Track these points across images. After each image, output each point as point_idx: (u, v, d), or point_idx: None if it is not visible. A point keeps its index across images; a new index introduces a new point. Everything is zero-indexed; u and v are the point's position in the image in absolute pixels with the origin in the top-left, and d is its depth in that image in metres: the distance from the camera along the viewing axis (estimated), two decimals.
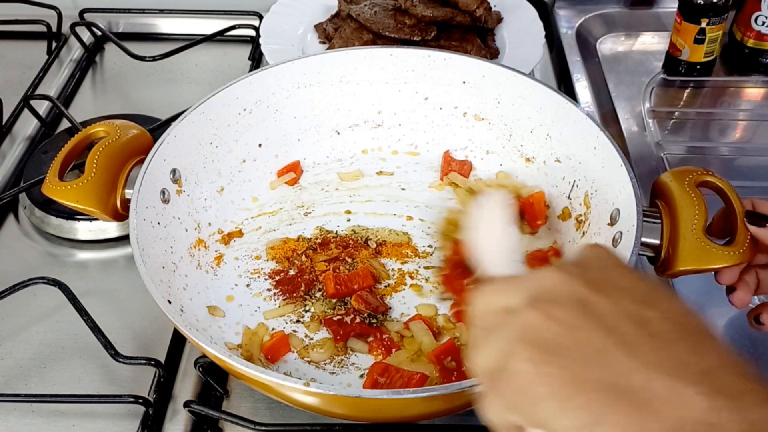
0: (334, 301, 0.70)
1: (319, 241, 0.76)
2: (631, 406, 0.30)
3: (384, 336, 0.66)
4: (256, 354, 0.65)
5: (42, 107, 0.98)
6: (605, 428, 0.31)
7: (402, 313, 0.69)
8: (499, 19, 1.02)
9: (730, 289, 0.60)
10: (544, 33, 0.98)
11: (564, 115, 0.74)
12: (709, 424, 0.29)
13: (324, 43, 1.02)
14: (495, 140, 0.82)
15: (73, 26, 1.09)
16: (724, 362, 0.32)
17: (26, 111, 0.96)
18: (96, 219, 0.77)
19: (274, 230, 0.77)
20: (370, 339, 0.66)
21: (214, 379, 0.65)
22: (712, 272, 0.60)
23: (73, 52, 1.10)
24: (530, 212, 0.75)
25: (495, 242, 0.43)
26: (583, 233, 0.71)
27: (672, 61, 1.02)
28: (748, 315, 0.61)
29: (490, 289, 0.38)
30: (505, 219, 0.44)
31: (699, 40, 0.97)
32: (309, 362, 0.66)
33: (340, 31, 0.98)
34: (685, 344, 0.32)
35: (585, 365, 0.32)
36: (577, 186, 0.74)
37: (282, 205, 0.80)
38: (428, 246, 0.75)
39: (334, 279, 0.70)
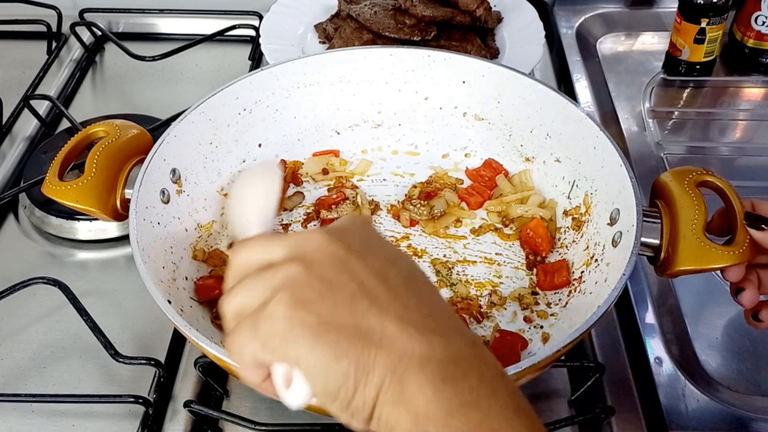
0: None
1: None
2: (367, 343, 0.37)
3: None
4: None
5: (42, 107, 0.98)
6: (346, 362, 0.37)
7: None
8: (499, 19, 1.02)
9: (738, 290, 0.59)
10: (544, 33, 0.98)
11: (564, 115, 0.74)
12: (423, 354, 0.37)
13: (324, 43, 1.02)
14: (495, 140, 0.82)
15: (73, 26, 1.09)
16: (437, 309, 0.41)
17: (26, 111, 0.96)
18: (96, 219, 0.77)
19: (275, 230, 0.77)
20: None
21: (214, 379, 0.65)
22: (712, 272, 0.60)
23: (73, 52, 1.10)
24: (533, 245, 0.74)
25: (253, 206, 0.46)
26: (583, 233, 0.71)
27: (672, 61, 1.02)
28: (745, 313, 0.61)
29: (251, 244, 0.42)
30: (268, 187, 0.47)
31: (699, 40, 0.97)
32: None
33: (340, 31, 0.98)
34: (413, 295, 0.40)
35: (335, 311, 0.38)
36: (576, 186, 0.74)
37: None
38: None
39: None
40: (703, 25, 0.95)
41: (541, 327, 0.68)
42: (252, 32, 1.09)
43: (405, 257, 0.44)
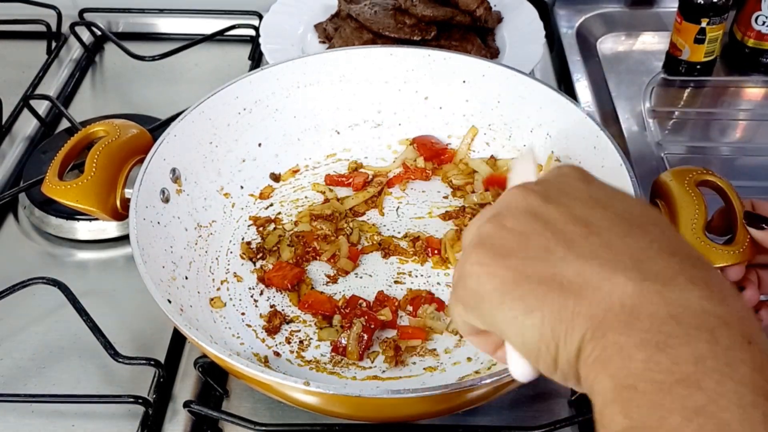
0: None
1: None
2: (563, 294, 0.33)
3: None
4: None
5: (42, 107, 0.98)
6: (539, 315, 0.33)
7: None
8: (499, 19, 1.02)
9: (738, 289, 0.59)
10: (544, 33, 0.98)
11: (564, 115, 0.73)
12: (633, 306, 0.31)
13: (324, 42, 1.02)
14: (495, 140, 0.82)
15: (72, 26, 1.09)
16: (659, 246, 0.33)
17: (26, 111, 0.96)
18: (96, 219, 0.77)
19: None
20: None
21: (214, 379, 0.65)
22: None
23: (73, 51, 1.10)
24: None
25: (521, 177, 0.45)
26: None
27: (672, 61, 1.02)
28: None
29: (481, 213, 0.41)
30: (533, 165, 0.46)
31: (699, 40, 0.97)
32: (308, 361, 0.66)
33: (340, 30, 0.98)
34: (621, 235, 0.34)
35: (526, 263, 0.35)
36: None
37: (282, 204, 0.80)
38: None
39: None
40: (704, 25, 0.95)
41: None
42: (252, 32, 1.09)
43: (621, 195, 0.38)
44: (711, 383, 0.27)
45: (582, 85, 1.01)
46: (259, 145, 0.80)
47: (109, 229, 0.80)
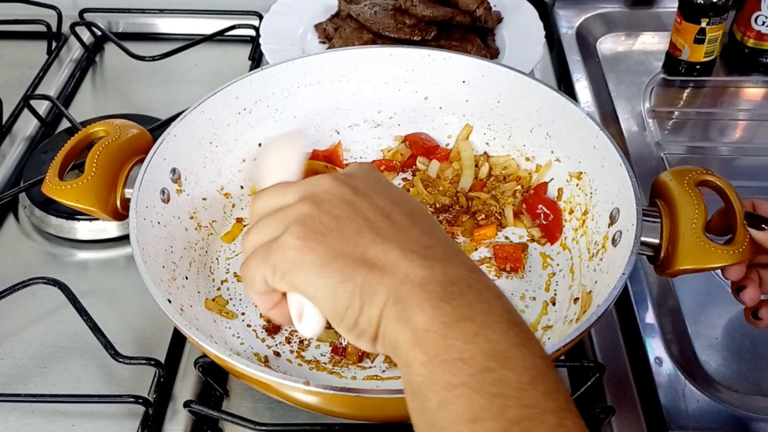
0: None
1: None
2: (372, 268, 0.41)
3: None
4: None
5: (42, 107, 0.98)
6: (351, 284, 0.40)
7: None
8: (499, 19, 1.02)
9: (740, 288, 0.59)
10: (544, 33, 0.98)
11: (564, 115, 0.74)
12: (424, 277, 0.40)
13: (324, 43, 1.02)
14: (494, 140, 0.82)
15: (73, 26, 1.09)
16: (440, 241, 0.44)
17: (26, 111, 0.95)
18: (96, 219, 0.77)
19: None
20: None
21: (214, 379, 0.65)
22: (712, 271, 0.60)
23: (73, 52, 1.10)
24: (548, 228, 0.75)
25: (279, 164, 0.50)
26: (583, 232, 0.71)
27: (672, 61, 1.02)
28: (745, 311, 0.61)
29: (269, 191, 0.46)
30: (293, 148, 0.52)
31: (699, 40, 0.97)
32: (309, 361, 0.66)
33: (340, 31, 0.98)
34: (415, 228, 0.43)
35: (342, 241, 0.42)
36: (576, 185, 0.74)
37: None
38: None
39: None
40: (703, 25, 0.95)
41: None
42: (252, 32, 1.09)
43: (409, 198, 0.47)
44: (479, 317, 0.38)
45: (582, 85, 1.01)
46: (259, 145, 0.80)
47: (110, 229, 0.80)
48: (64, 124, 0.96)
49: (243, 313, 0.70)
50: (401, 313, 0.39)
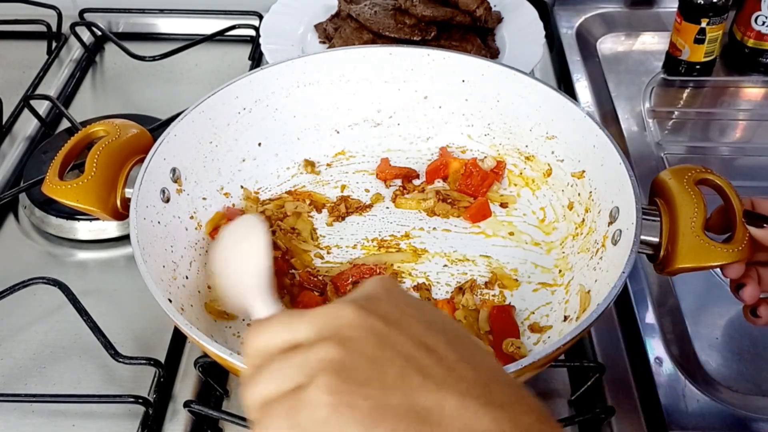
0: None
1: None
2: (425, 425, 0.33)
3: None
4: None
5: (42, 107, 0.98)
6: None
7: None
8: (499, 19, 1.02)
9: (739, 286, 0.60)
10: (544, 33, 0.98)
11: (563, 114, 0.74)
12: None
13: (324, 42, 1.02)
14: (494, 139, 0.82)
15: (73, 26, 1.09)
16: (494, 375, 0.36)
17: (26, 111, 0.96)
18: (96, 219, 0.77)
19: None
20: None
21: (214, 379, 0.65)
22: (712, 270, 0.60)
23: (73, 52, 1.10)
24: None
25: (245, 268, 0.40)
26: (583, 231, 0.71)
27: (672, 61, 1.02)
28: (744, 309, 0.61)
29: (269, 324, 0.37)
30: (255, 242, 0.41)
31: (699, 40, 0.97)
32: None
33: (340, 30, 0.98)
34: (466, 363, 0.36)
35: (386, 393, 0.34)
36: (576, 184, 0.74)
37: (283, 204, 0.80)
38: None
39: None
40: (703, 25, 0.95)
41: None
42: (252, 32, 1.09)
43: (445, 318, 0.40)
44: None
45: (582, 85, 1.01)
46: (259, 144, 0.80)
47: (110, 228, 0.80)
48: (64, 124, 0.96)
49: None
50: None
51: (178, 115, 0.72)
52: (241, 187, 0.79)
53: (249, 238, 0.41)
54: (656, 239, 0.60)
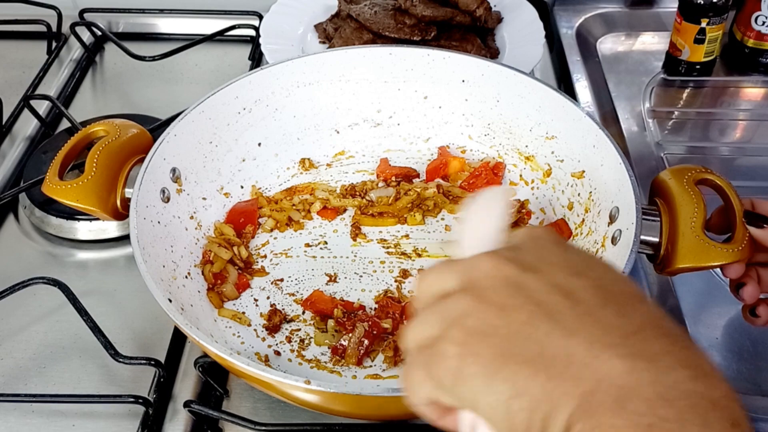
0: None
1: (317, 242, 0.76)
2: (550, 373, 0.31)
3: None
4: None
5: (42, 107, 0.98)
6: (528, 398, 0.31)
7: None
8: (499, 19, 1.02)
9: (739, 285, 0.60)
10: (544, 33, 0.98)
11: (563, 114, 0.74)
12: (624, 386, 0.30)
13: (324, 42, 1.02)
14: (494, 139, 0.82)
15: (73, 26, 1.09)
16: (648, 324, 0.33)
17: (26, 111, 0.96)
18: (96, 219, 0.77)
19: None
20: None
21: (214, 379, 0.65)
22: (712, 270, 0.60)
23: (73, 52, 1.10)
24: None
25: (480, 229, 0.43)
26: (582, 231, 0.71)
27: (672, 61, 1.02)
28: (743, 309, 0.62)
29: (431, 271, 0.38)
30: (497, 209, 0.43)
31: (699, 40, 0.97)
32: (309, 360, 0.66)
33: (340, 31, 0.98)
34: (609, 309, 0.33)
35: (511, 341, 0.33)
36: (576, 184, 0.74)
37: (283, 203, 0.80)
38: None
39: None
40: (703, 25, 0.95)
41: None
42: (252, 32, 1.09)
43: (599, 263, 0.37)
44: None
45: (582, 85, 1.01)
46: (259, 144, 0.80)
47: (110, 228, 0.80)
48: (64, 124, 0.96)
49: (243, 312, 0.70)
50: None
51: (178, 115, 0.72)
52: (241, 185, 0.79)
53: (494, 201, 0.43)
54: (656, 239, 0.61)
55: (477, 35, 0.98)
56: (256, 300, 0.71)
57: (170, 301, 0.58)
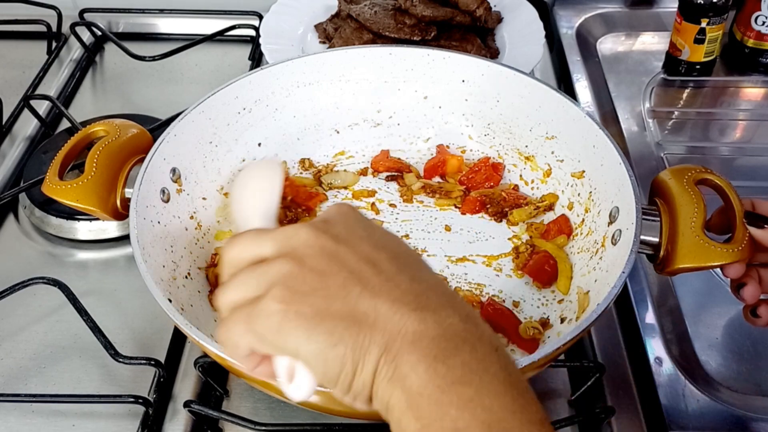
0: None
1: None
2: (362, 327, 0.38)
3: None
4: None
5: (42, 107, 0.98)
6: (342, 346, 0.38)
7: None
8: (499, 19, 1.02)
9: (740, 285, 0.60)
10: (544, 33, 0.98)
11: (563, 114, 0.74)
12: (416, 331, 0.38)
13: (324, 42, 1.02)
14: (494, 139, 0.82)
15: (73, 26, 1.09)
16: (431, 287, 0.41)
17: (26, 111, 0.96)
18: (96, 219, 0.77)
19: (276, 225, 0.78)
20: None
21: (214, 379, 0.65)
22: (712, 270, 0.60)
23: (73, 52, 1.10)
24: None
25: (255, 201, 0.47)
26: (582, 231, 0.71)
27: (672, 61, 1.02)
28: (744, 309, 0.62)
29: (243, 239, 0.43)
30: (269, 182, 0.47)
31: (699, 40, 0.97)
32: None
33: (340, 31, 0.98)
34: (404, 275, 0.41)
35: (329, 300, 0.39)
36: (576, 184, 0.74)
37: (282, 203, 0.80)
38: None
39: None
40: (703, 25, 0.95)
41: None
42: (252, 32, 1.09)
43: (394, 238, 0.45)
44: (475, 380, 0.37)
45: (582, 85, 1.01)
46: (259, 144, 0.80)
47: (110, 228, 0.80)
48: (64, 124, 0.96)
49: None
50: (393, 373, 0.38)
51: (178, 115, 0.72)
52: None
53: (265, 174, 0.48)
54: (656, 239, 0.60)
55: (477, 35, 0.98)
56: None
57: (170, 301, 0.58)
